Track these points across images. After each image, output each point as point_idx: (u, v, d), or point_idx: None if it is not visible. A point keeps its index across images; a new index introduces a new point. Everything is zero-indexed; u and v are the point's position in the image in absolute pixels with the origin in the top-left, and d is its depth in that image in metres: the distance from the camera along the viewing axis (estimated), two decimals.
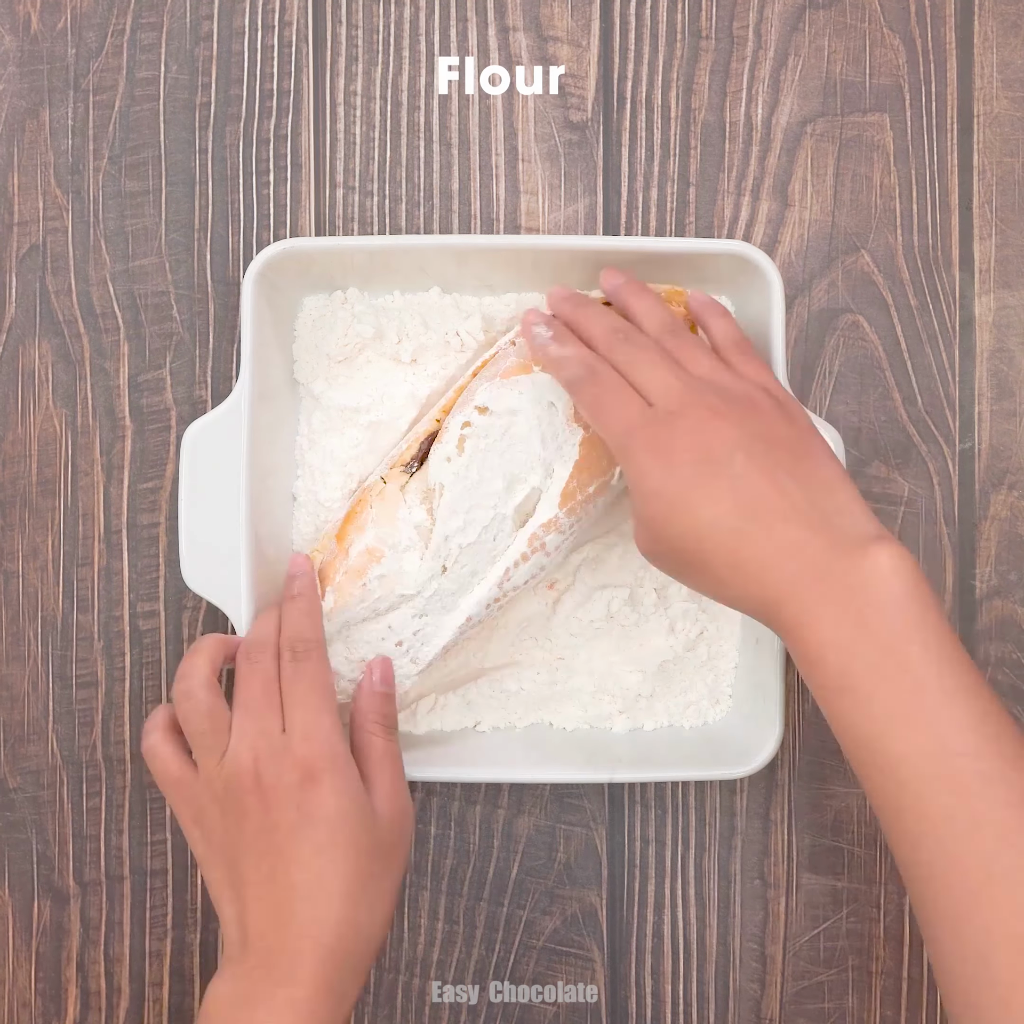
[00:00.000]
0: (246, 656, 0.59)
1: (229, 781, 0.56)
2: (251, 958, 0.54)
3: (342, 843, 0.55)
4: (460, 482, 0.60)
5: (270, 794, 0.55)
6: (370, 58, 0.70)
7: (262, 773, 0.55)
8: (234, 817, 0.56)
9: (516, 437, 0.60)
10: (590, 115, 0.70)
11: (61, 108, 0.70)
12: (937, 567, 0.70)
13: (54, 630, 0.70)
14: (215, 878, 0.56)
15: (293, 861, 0.54)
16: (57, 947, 0.70)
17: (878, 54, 0.70)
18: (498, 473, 0.60)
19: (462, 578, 0.60)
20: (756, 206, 0.70)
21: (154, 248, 0.69)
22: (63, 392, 0.70)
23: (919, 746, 0.47)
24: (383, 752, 0.59)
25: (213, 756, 0.57)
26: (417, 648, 0.61)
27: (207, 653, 0.59)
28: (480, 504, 0.60)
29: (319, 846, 0.54)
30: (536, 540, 0.60)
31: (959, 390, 0.70)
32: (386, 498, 0.61)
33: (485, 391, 0.60)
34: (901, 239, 0.70)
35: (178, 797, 0.58)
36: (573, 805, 0.70)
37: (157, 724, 0.59)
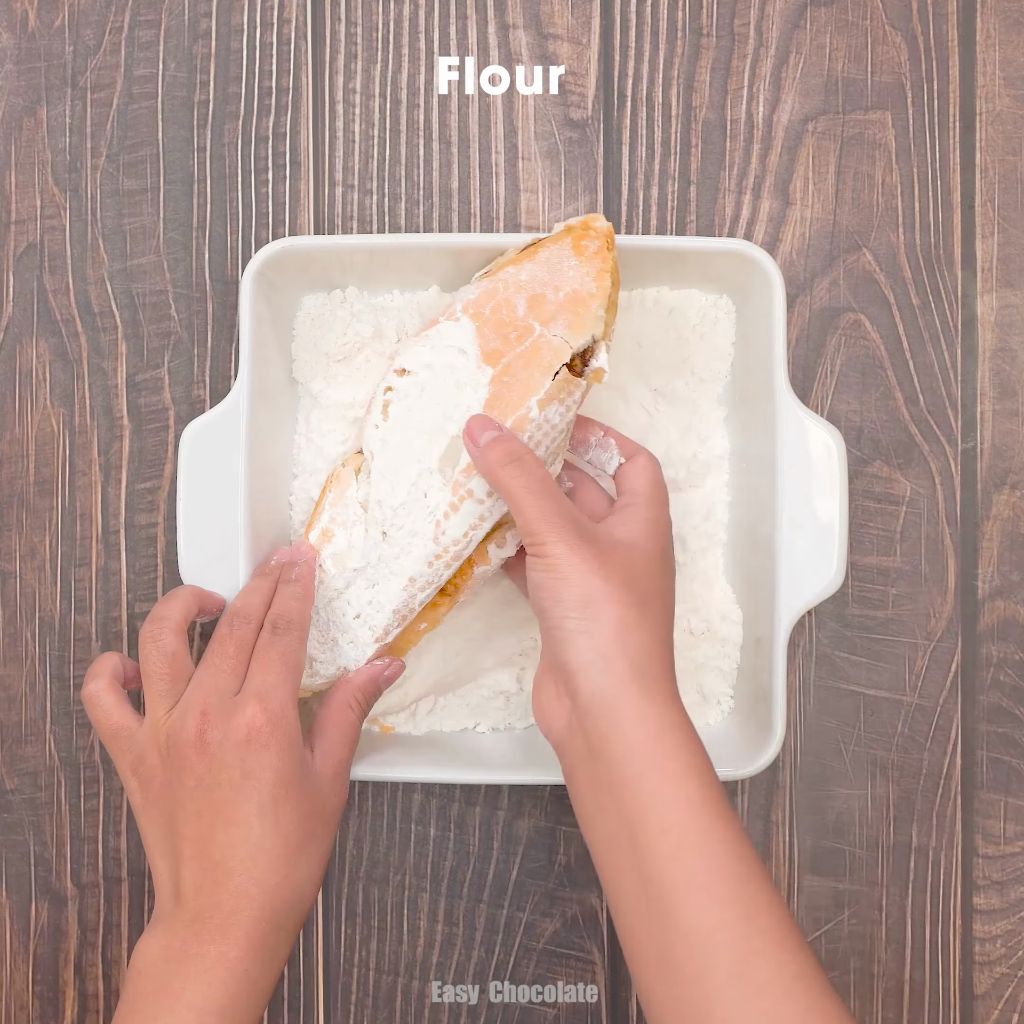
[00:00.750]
0: (228, 622, 0.59)
1: (174, 731, 0.55)
2: (184, 914, 0.54)
3: (284, 807, 0.54)
4: (386, 446, 0.60)
5: (214, 750, 0.55)
6: (369, 56, 0.69)
7: (208, 728, 0.55)
8: (175, 770, 0.55)
9: (433, 391, 0.59)
10: (590, 113, 0.69)
11: (59, 106, 0.69)
12: (939, 567, 0.69)
13: (52, 631, 0.69)
14: (150, 831, 0.56)
15: (233, 821, 0.54)
16: (55, 949, 0.70)
17: (880, 51, 0.69)
18: (420, 430, 0.59)
19: (402, 540, 0.60)
20: (757, 204, 0.69)
21: (152, 247, 0.69)
22: (60, 391, 0.69)
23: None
24: (348, 725, 0.59)
25: (164, 701, 0.56)
26: (372, 616, 0.61)
27: (182, 601, 0.59)
28: (405, 463, 0.59)
29: (261, 807, 0.54)
30: (460, 487, 0.58)
31: (961, 389, 0.69)
32: (341, 480, 0.62)
33: (401, 353, 0.61)
34: (903, 237, 0.69)
35: (117, 746, 0.57)
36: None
37: (102, 672, 0.58)
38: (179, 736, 0.55)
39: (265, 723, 0.55)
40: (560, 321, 0.58)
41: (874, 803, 0.69)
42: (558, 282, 0.58)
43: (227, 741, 0.54)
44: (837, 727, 0.69)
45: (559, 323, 0.58)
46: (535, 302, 0.58)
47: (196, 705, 0.55)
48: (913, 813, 0.69)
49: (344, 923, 0.70)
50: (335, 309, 0.66)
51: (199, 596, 0.60)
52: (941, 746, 0.69)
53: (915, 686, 0.69)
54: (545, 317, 0.58)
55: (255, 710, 0.55)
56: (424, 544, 0.59)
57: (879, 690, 0.69)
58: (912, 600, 0.69)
